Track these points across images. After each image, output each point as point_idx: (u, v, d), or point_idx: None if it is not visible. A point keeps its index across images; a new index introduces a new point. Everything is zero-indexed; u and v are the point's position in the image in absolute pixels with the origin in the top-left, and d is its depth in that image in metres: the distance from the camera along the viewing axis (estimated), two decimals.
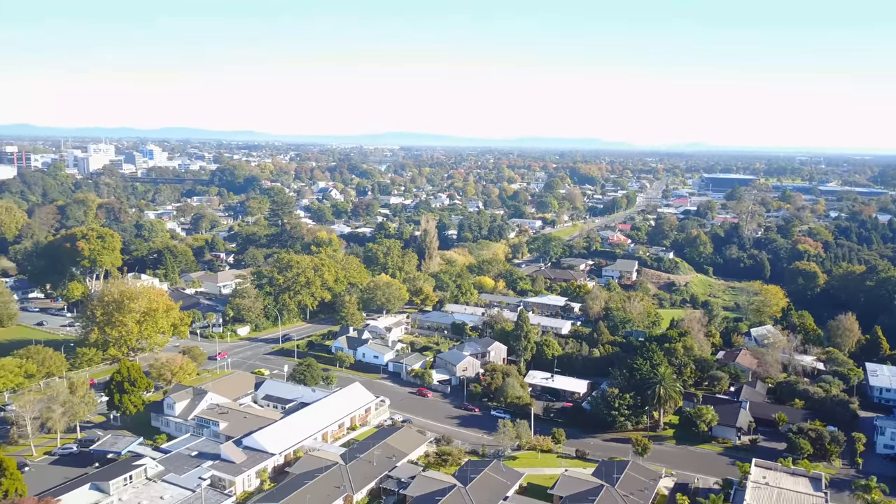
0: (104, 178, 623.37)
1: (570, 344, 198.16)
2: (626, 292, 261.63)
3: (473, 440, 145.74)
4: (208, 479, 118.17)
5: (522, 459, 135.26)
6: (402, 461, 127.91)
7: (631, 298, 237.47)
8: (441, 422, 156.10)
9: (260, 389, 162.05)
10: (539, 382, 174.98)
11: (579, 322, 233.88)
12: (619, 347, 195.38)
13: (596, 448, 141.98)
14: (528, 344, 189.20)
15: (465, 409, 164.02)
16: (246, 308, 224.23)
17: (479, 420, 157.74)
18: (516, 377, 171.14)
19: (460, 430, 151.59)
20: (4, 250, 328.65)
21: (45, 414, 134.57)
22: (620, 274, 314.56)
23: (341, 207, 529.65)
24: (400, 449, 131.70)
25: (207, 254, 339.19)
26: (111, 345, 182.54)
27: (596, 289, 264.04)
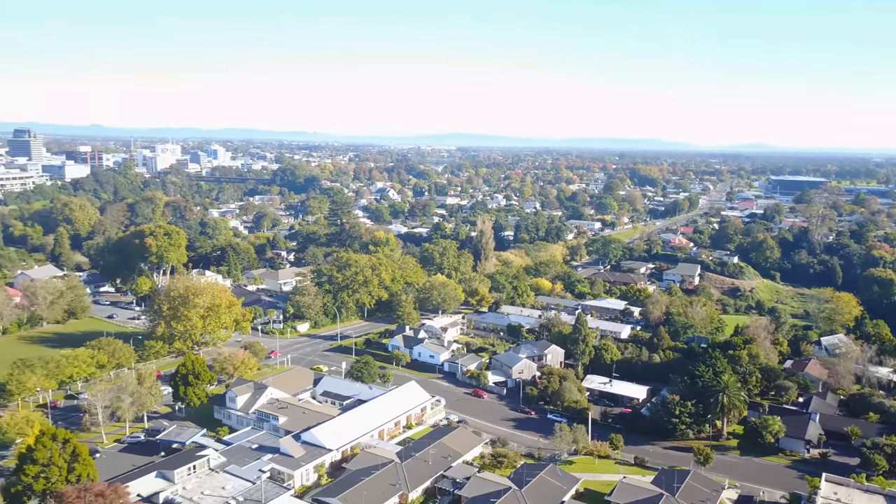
0: (171, 176, 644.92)
1: (629, 349, 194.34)
2: (688, 297, 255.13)
3: (529, 443, 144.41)
4: (268, 472, 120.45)
5: (579, 464, 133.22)
6: (457, 461, 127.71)
7: (693, 303, 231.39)
8: (496, 423, 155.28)
9: (318, 385, 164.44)
10: (597, 387, 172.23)
11: (639, 327, 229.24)
12: (681, 353, 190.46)
13: (655, 456, 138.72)
14: (586, 348, 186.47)
15: (520, 412, 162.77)
16: (305, 305, 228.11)
17: (534, 423, 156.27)
18: (573, 381, 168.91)
19: (516, 433, 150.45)
20: (78, 246, 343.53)
21: (115, 403, 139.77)
22: (682, 278, 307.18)
23: (398, 207, 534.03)
24: (455, 449, 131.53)
25: (269, 252, 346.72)
26: (177, 338, 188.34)
27: (656, 293, 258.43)
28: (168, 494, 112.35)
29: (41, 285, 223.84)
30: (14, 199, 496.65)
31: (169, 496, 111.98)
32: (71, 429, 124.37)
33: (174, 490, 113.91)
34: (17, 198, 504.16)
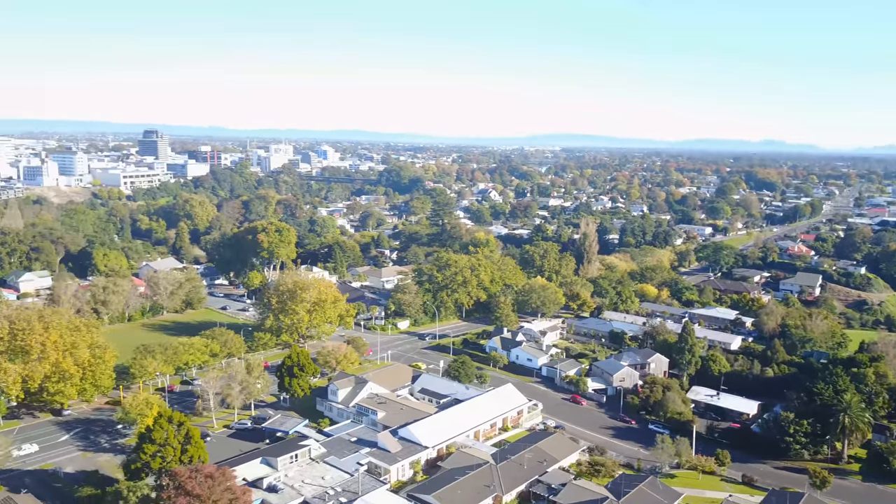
0: (283, 176, 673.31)
1: (739, 361, 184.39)
2: (807, 309, 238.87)
3: (628, 453, 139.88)
4: (365, 465, 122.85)
5: (681, 479, 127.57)
6: (552, 467, 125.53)
7: (812, 316, 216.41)
8: (595, 431, 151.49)
9: (416, 383, 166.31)
10: (703, 399, 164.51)
11: (751, 338, 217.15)
12: (797, 368, 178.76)
13: (765, 475, 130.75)
14: (693, 358, 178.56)
15: (620, 421, 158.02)
16: (406, 303, 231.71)
17: (635, 433, 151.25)
18: (678, 392, 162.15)
19: (615, 442, 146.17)
20: (197, 240, 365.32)
21: (225, 390, 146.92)
22: (801, 288, 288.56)
23: (500, 208, 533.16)
24: (551, 454, 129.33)
25: (373, 250, 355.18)
26: (284, 331, 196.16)
27: (772, 303, 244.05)
28: (271, 480, 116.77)
29: (163, 276, 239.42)
30: (142, 196, 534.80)
31: (272, 482, 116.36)
32: (185, 412, 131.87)
33: (277, 477, 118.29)
34: (144, 194, 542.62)
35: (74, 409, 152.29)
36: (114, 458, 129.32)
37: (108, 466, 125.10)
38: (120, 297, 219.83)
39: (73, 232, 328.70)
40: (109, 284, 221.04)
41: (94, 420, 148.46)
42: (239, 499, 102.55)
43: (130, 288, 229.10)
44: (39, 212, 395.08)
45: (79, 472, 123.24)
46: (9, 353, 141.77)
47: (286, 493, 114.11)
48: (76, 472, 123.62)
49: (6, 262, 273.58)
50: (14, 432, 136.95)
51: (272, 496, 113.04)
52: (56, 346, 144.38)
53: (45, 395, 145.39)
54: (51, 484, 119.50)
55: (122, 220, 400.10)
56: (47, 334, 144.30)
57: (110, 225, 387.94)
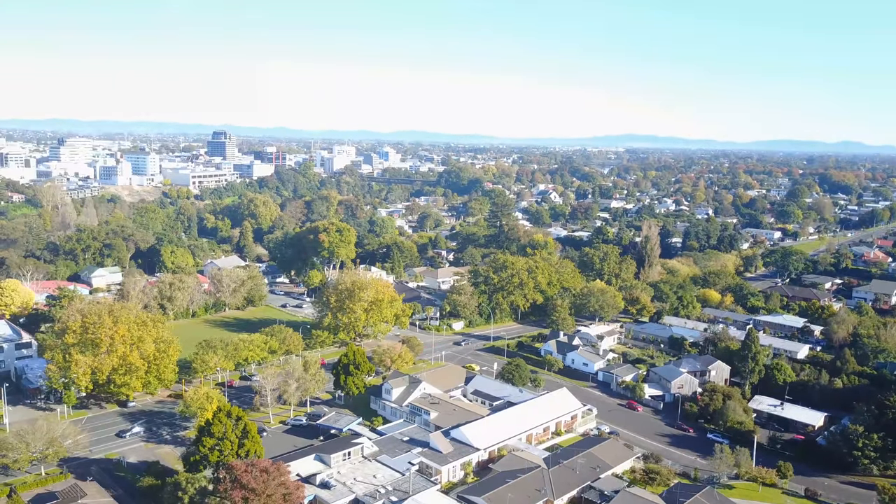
0: (345, 177, 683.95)
1: (806, 370, 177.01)
2: (882, 318, 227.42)
3: (685, 462, 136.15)
4: (417, 465, 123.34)
5: (740, 490, 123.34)
6: (606, 473, 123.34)
7: (888, 325, 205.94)
8: (650, 438, 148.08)
9: (469, 384, 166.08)
10: (765, 409, 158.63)
11: (819, 347, 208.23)
12: (868, 380, 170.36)
13: (830, 490, 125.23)
14: (756, 366, 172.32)
15: (677, 429, 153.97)
16: (461, 304, 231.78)
17: (692, 441, 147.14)
18: (739, 401, 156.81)
19: (671, 450, 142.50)
20: (260, 239, 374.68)
21: (282, 387, 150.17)
22: (876, 296, 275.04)
23: (559, 210, 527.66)
24: (605, 460, 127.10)
25: (430, 250, 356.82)
26: (341, 329, 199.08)
27: (843, 311, 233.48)
28: (324, 477, 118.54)
29: (226, 274, 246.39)
30: (209, 195, 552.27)
31: (325, 478, 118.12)
32: (243, 407, 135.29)
33: (330, 473, 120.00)
34: (211, 193, 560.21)
35: (139, 401, 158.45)
36: (174, 449, 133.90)
37: (168, 457, 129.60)
38: (185, 293, 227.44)
39: (143, 230, 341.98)
40: (175, 281, 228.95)
41: (157, 412, 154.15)
42: (292, 494, 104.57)
43: (195, 285, 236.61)
44: (113, 210, 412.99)
45: (141, 462, 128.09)
46: (80, 346, 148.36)
47: (338, 490, 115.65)
48: (138, 461, 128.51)
49: (81, 258, 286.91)
50: (83, 422, 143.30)
51: (324, 492, 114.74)
52: (124, 339, 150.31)
53: (112, 386, 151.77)
54: (114, 472, 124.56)
55: (189, 218, 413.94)
56: (116, 328, 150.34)
57: (178, 223, 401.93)
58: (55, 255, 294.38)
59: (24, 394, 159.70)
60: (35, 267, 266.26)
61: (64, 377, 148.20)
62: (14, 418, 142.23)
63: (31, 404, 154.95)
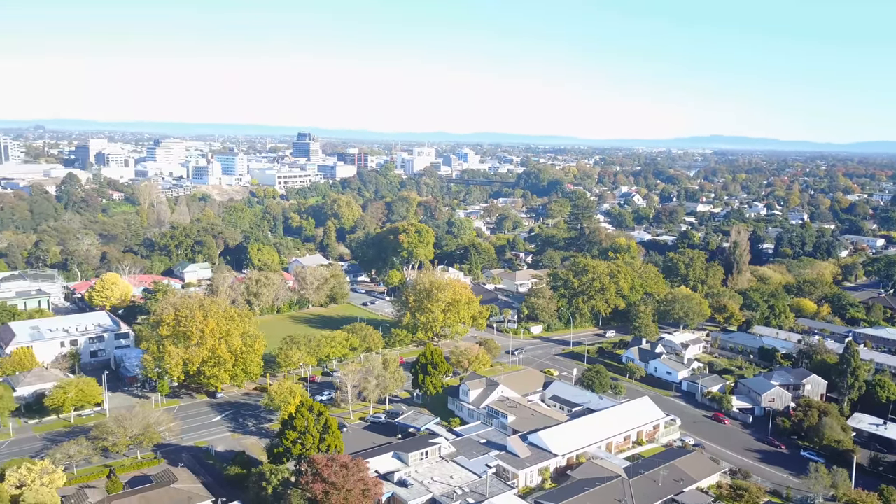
0: (424, 178, 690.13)
1: None
2: None
3: (775, 479, 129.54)
4: (494, 468, 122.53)
5: None
6: (689, 487, 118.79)
7: None
8: (738, 453, 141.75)
9: (548, 389, 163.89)
10: (866, 428, 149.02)
11: None
12: None
13: None
14: (856, 382, 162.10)
15: (768, 444, 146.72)
16: (540, 308, 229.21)
17: (783, 458, 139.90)
18: (836, 418, 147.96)
19: (760, 466, 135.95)
20: (342, 238, 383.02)
21: (362, 384, 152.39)
22: None
23: (643, 213, 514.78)
24: (689, 474, 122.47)
25: (508, 252, 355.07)
26: (419, 329, 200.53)
27: None
28: (402, 475, 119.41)
29: (310, 272, 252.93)
30: (294, 195, 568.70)
31: (402, 476, 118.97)
32: (325, 403, 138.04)
33: (407, 472, 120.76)
34: (296, 193, 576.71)
35: (226, 393, 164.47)
36: (259, 441, 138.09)
37: (253, 448, 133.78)
38: (270, 289, 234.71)
39: (231, 228, 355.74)
40: (262, 278, 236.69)
41: (243, 404, 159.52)
42: (371, 490, 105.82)
43: (280, 282, 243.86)
44: (204, 208, 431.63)
45: (228, 451, 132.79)
46: (173, 338, 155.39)
47: (415, 488, 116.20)
48: (226, 451, 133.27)
49: (174, 254, 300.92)
50: (175, 410, 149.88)
51: (402, 490, 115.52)
52: (213, 333, 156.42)
53: (201, 377, 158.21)
54: (203, 460, 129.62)
55: (275, 217, 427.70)
56: (206, 322, 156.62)
57: (265, 222, 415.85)
58: (151, 250, 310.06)
59: (123, 381, 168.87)
60: (133, 261, 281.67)
61: (158, 367, 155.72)
62: (113, 404, 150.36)
63: (129, 391, 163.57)
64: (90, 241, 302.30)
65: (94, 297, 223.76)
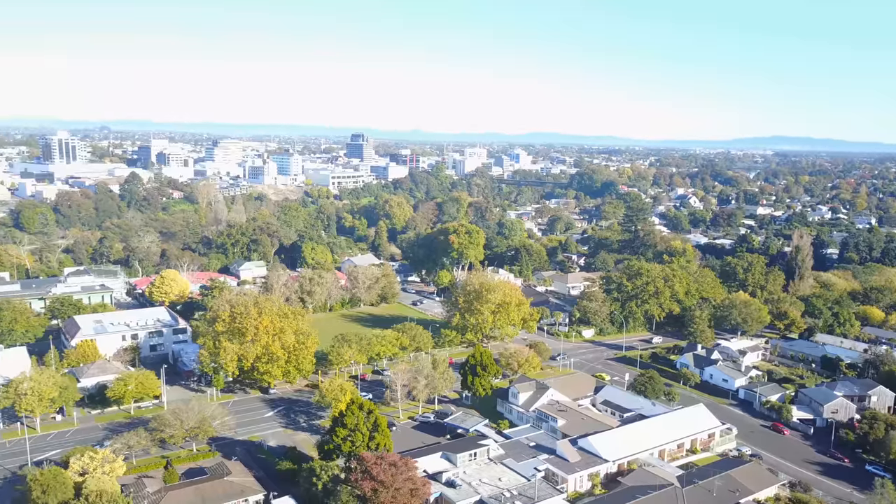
0: (475, 179, 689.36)
1: None
2: None
3: (838, 494, 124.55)
4: (543, 472, 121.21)
5: None
6: (746, 498, 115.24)
7: None
8: (797, 465, 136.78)
9: (599, 394, 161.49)
10: None
11: None
12: None
13: None
14: None
15: (830, 457, 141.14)
16: (592, 311, 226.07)
17: (846, 472, 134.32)
18: None
19: (821, 479, 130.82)
20: (394, 238, 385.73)
21: (412, 383, 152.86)
22: None
23: (699, 216, 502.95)
24: (745, 485, 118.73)
25: (560, 254, 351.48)
26: (469, 330, 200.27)
27: None
28: (450, 475, 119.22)
29: (362, 271, 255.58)
30: (347, 195, 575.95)
31: (450, 477, 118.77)
32: (374, 401, 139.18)
33: (455, 472, 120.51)
34: (349, 194, 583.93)
35: (279, 389, 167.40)
36: (310, 437, 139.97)
37: (304, 444, 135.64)
38: (323, 288, 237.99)
39: (286, 227, 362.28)
40: (315, 276, 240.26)
41: (295, 400, 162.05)
42: (419, 489, 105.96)
43: (333, 280, 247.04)
44: (259, 207, 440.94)
45: (280, 446, 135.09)
46: (228, 334, 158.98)
47: (464, 489, 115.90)
48: (277, 446, 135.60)
49: (231, 252, 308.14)
50: (229, 404, 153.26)
51: (450, 491, 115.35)
52: (267, 330, 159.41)
53: (255, 373, 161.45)
54: (256, 454, 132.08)
55: (328, 217, 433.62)
56: (260, 319, 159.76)
57: (318, 221, 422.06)
58: (208, 248, 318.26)
59: (180, 375, 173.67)
60: (191, 259, 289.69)
61: (214, 362, 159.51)
62: (171, 397, 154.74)
63: (185, 385, 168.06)
64: (151, 239, 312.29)
65: (153, 293, 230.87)
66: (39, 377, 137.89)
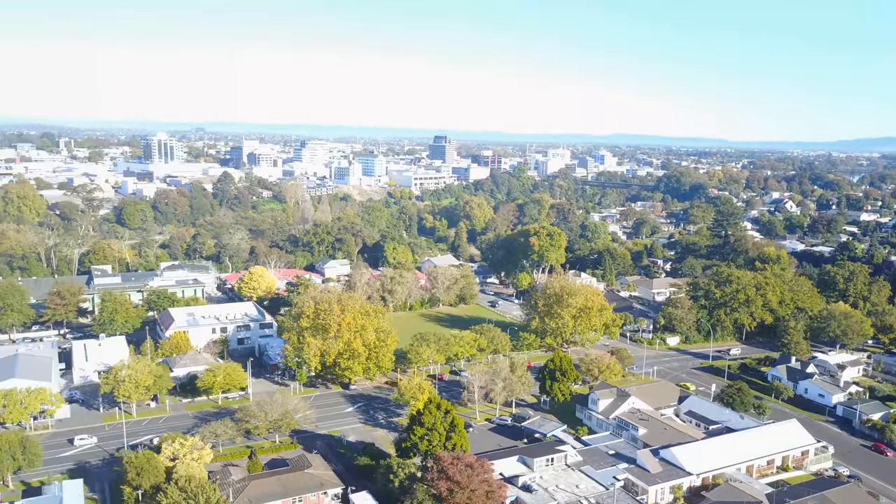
0: (558, 180, 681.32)
1: None
2: None
3: None
4: (622, 481, 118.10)
5: None
6: None
7: None
8: None
9: (683, 404, 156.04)
10: None
11: None
12: None
13: None
14: None
15: None
16: (678, 318, 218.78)
17: None
18: None
19: None
20: (473, 239, 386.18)
21: (489, 385, 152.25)
22: None
23: (796, 221, 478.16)
24: None
25: (645, 259, 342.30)
26: (548, 334, 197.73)
27: None
28: (526, 480, 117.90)
29: (441, 271, 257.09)
30: (428, 196, 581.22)
31: (527, 482, 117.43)
32: (452, 402, 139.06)
33: (532, 477, 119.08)
34: (430, 195, 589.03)
35: (359, 385, 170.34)
36: (387, 433, 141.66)
37: (382, 441, 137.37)
38: (404, 287, 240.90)
39: (369, 227, 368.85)
40: (396, 276, 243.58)
41: (374, 397, 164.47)
42: (495, 492, 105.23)
43: (413, 280, 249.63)
44: (344, 207, 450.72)
45: (358, 441, 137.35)
46: (312, 330, 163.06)
47: (540, 494, 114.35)
48: (356, 441, 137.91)
49: (316, 250, 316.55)
50: (311, 399, 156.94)
51: (526, 495, 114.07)
52: (349, 327, 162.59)
53: (336, 369, 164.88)
54: (335, 449, 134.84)
55: (410, 217, 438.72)
56: (343, 316, 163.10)
57: (400, 222, 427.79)
58: (295, 246, 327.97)
59: (265, 369, 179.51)
60: (278, 256, 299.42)
61: (297, 357, 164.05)
62: (256, 389, 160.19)
63: (270, 378, 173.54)
64: (241, 236, 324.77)
65: (242, 288, 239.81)
66: (136, 365, 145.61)
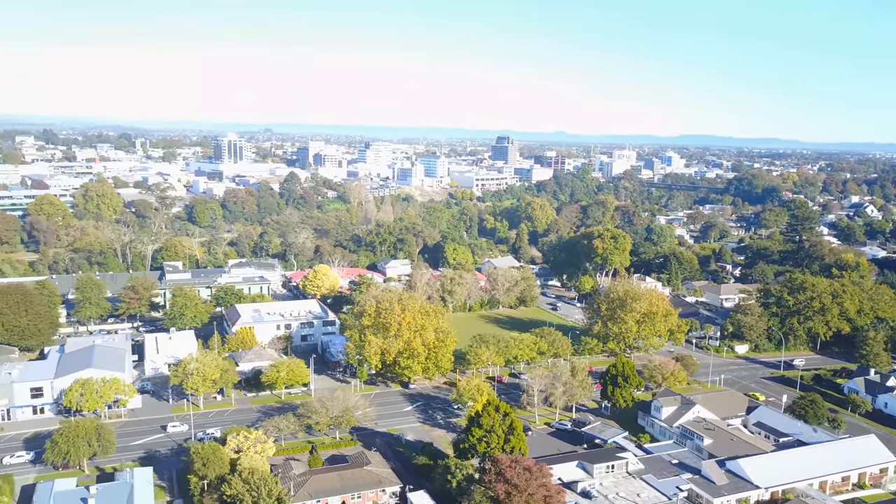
0: (623, 182, 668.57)
1: None
2: None
3: None
4: (685, 492, 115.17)
5: None
6: None
7: None
8: None
9: (751, 414, 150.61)
10: None
11: None
12: None
13: None
14: None
15: None
16: (747, 325, 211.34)
17: None
18: None
19: None
20: (535, 241, 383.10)
21: (549, 389, 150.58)
22: None
23: (877, 227, 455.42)
24: None
25: (713, 264, 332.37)
26: (611, 339, 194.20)
27: None
28: (586, 486, 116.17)
29: (501, 273, 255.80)
30: (490, 197, 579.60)
31: (586, 488, 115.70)
32: (510, 404, 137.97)
33: (591, 483, 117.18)
34: (492, 196, 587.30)
35: (418, 385, 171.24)
36: (446, 434, 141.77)
37: (440, 441, 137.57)
38: (464, 288, 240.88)
39: (430, 227, 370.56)
40: (456, 276, 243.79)
41: (433, 396, 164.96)
42: (553, 497, 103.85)
43: (473, 281, 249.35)
44: (406, 208, 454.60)
45: (417, 440, 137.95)
46: (373, 328, 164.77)
47: (599, 502, 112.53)
48: (415, 440, 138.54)
49: (378, 250, 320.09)
50: (371, 396, 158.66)
51: (585, 501, 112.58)
52: (409, 326, 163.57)
53: (396, 368, 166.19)
54: (394, 447, 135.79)
55: (471, 218, 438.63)
56: (403, 315, 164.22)
57: (461, 223, 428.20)
58: (358, 245, 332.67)
59: (327, 365, 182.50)
60: (342, 255, 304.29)
61: (359, 354, 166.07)
62: (318, 385, 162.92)
63: (332, 375, 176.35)
64: (306, 235, 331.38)
65: (306, 286, 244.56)
66: (204, 359, 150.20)
